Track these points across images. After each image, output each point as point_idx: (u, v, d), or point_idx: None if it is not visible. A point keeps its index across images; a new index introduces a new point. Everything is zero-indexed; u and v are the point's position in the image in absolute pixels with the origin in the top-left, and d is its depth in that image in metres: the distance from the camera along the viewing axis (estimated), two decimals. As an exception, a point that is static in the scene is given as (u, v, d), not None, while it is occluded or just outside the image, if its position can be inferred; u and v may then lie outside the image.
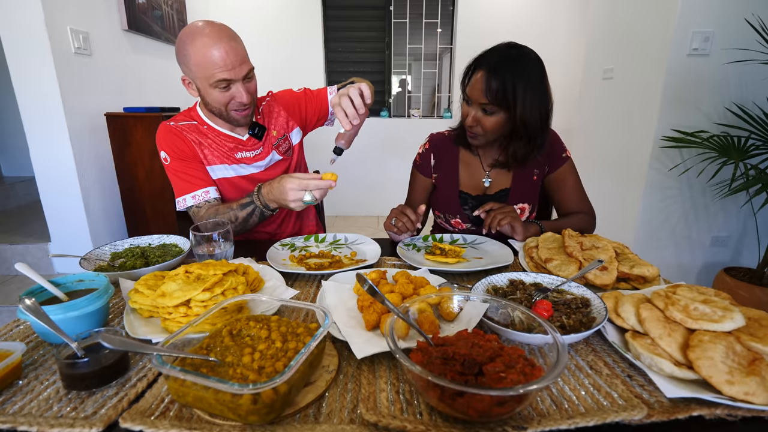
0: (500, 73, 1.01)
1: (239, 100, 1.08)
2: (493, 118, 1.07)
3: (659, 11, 2.15)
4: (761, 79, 2.05)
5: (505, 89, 1.02)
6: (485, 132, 1.10)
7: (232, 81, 1.05)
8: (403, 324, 0.59)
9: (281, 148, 1.29)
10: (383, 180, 3.99)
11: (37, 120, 2.00)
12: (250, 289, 0.77)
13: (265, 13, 3.69)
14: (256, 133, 1.22)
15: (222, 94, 1.07)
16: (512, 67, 1.02)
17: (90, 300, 0.63)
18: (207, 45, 1.00)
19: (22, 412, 0.49)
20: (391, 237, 1.12)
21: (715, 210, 2.28)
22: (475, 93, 1.06)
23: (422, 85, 4.07)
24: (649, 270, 0.80)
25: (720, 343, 0.53)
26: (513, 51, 1.05)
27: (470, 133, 1.14)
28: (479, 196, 1.25)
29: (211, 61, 1.01)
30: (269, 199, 1.03)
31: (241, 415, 0.45)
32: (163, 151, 1.17)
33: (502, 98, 1.03)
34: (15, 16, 1.86)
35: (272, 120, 1.30)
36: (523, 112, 1.04)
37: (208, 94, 1.08)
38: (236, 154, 1.22)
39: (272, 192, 1.01)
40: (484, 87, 1.03)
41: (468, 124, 1.11)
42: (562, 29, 3.65)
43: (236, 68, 1.03)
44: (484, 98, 1.04)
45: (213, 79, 1.03)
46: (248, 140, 1.23)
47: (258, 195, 1.06)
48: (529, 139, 1.11)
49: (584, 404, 0.50)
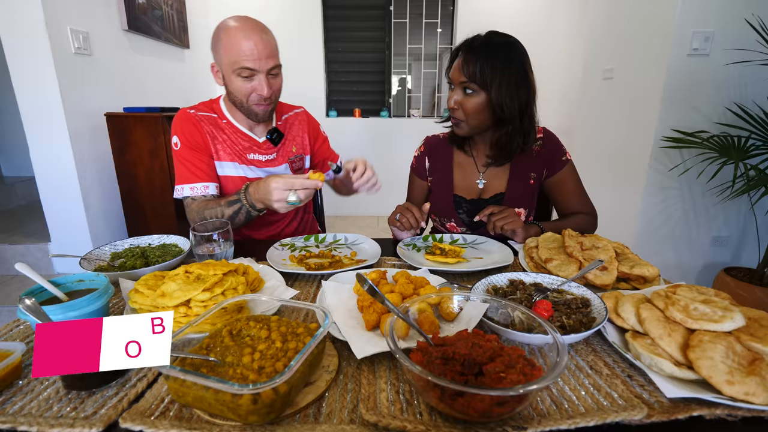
0: (479, 53, 1.05)
1: (260, 92, 1.09)
2: (473, 100, 1.09)
3: (659, 11, 2.15)
4: (761, 79, 2.05)
5: (483, 68, 1.05)
6: (467, 116, 1.11)
7: (256, 72, 1.07)
8: (403, 324, 0.59)
9: (295, 165, 1.30)
10: (383, 180, 3.96)
11: (37, 120, 2.00)
12: (250, 289, 0.77)
13: (264, 13, 3.69)
14: (273, 138, 1.22)
15: (244, 84, 1.09)
16: (491, 49, 1.06)
17: (90, 300, 0.63)
18: (238, 33, 1.05)
19: (22, 412, 0.49)
20: (393, 233, 1.12)
21: (715, 210, 2.28)
22: (455, 73, 1.10)
23: (422, 85, 4.07)
24: (649, 270, 0.80)
25: (720, 343, 0.53)
26: (495, 37, 1.09)
27: (453, 120, 1.16)
28: (474, 200, 1.25)
29: (239, 48, 1.04)
30: (255, 198, 1.02)
31: (241, 415, 0.45)
32: (176, 135, 1.16)
33: (480, 77, 1.05)
34: (15, 16, 1.86)
35: (293, 133, 1.30)
36: (499, 95, 1.06)
37: (231, 82, 1.10)
38: (249, 155, 1.22)
39: (258, 191, 1.00)
40: (461, 65, 1.07)
41: (450, 107, 1.14)
42: (562, 29, 3.65)
43: (262, 60, 1.06)
44: (462, 76, 1.07)
45: (237, 65, 1.06)
46: (264, 143, 1.23)
47: (245, 194, 1.04)
48: (512, 129, 1.12)
49: (584, 404, 0.50)
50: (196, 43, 3.33)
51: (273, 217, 1.31)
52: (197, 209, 1.11)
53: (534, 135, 1.17)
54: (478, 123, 1.13)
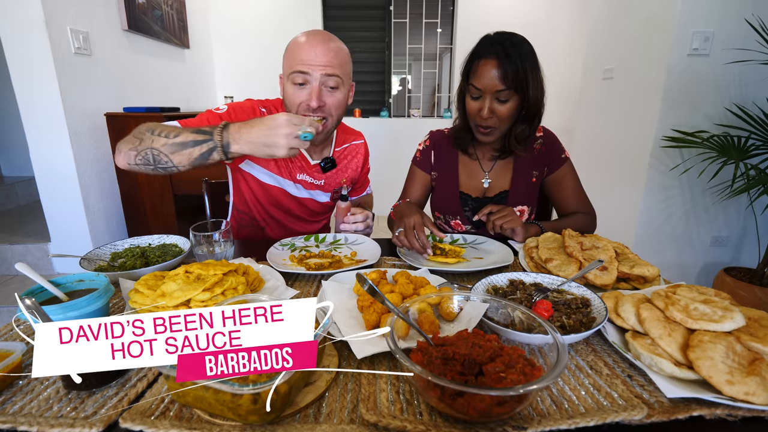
0: (512, 57, 1.02)
1: (308, 102, 1.01)
2: (508, 105, 1.07)
3: (659, 11, 2.15)
4: (761, 79, 2.05)
5: (517, 72, 1.02)
6: (500, 122, 1.10)
7: (309, 79, 1.00)
8: (403, 324, 0.59)
9: (336, 195, 1.26)
10: (383, 180, 3.98)
11: (37, 120, 2.00)
12: (250, 289, 0.77)
13: (264, 13, 3.69)
14: (324, 166, 1.07)
15: (295, 91, 1.02)
16: (520, 50, 1.03)
17: (90, 300, 0.63)
18: (304, 38, 1.01)
19: (22, 412, 0.49)
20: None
21: (715, 210, 2.28)
22: (489, 82, 1.04)
23: (422, 85, 4.07)
24: (649, 270, 0.80)
25: (720, 343, 0.53)
26: (512, 36, 1.07)
27: (483, 129, 1.12)
28: (479, 198, 1.25)
29: (298, 52, 0.99)
30: (238, 138, 0.84)
31: (241, 415, 0.45)
32: (229, 107, 1.05)
33: (518, 82, 1.03)
34: (15, 16, 1.86)
35: (347, 164, 1.27)
36: (535, 92, 1.06)
37: (286, 90, 1.04)
38: (299, 175, 1.17)
39: (251, 130, 0.83)
40: (500, 74, 1.03)
41: (484, 116, 1.08)
42: (563, 29, 3.65)
43: (317, 66, 0.98)
44: (500, 85, 1.03)
45: (292, 69, 1.00)
46: (314, 166, 1.18)
47: (222, 130, 0.86)
48: (532, 119, 1.13)
49: (584, 404, 0.50)
50: (196, 43, 3.33)
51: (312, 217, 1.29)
52: (150, 124, 0.91)
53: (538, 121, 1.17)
54: (509, 126, 1.13)
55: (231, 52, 3.72)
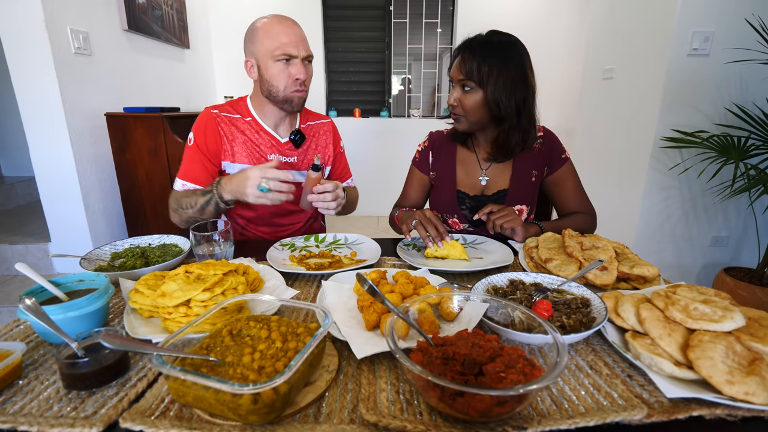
0: (477, 52, 1.08)
1: (297, 76, 1.13)
2: (471, 97, 1.11)
3: (659, 11, 2.16)
4: (761, 79, 2.05)
5: (480, 66, 1.07)
6: (465, 112, 1.14)
7: (294, 57, 1.12)
8: (403, 324, 0.59)
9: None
10: (383, 180, 3.98)
11: (37, 120, 2.00)
12: (250, 289, 0.77)
13: (264, 12, 3.69)
14: (295, 139, 1.23)
15: (282, 70, 1.13)
16: (489, 48, 1.08)
17: (90, 300, 0.63)
18: (277, 24, 1.12)
19: (23, 412, 0.49)
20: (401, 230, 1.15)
21: (715, 210, 2.28)
22: (455, 71, 1.12)
23: (422, 85, 4.07)
24: (649, 270, 0.80)
25: (720, 343, 0.53)
26: (495, 36, 1.11)
27: (453, 115, 1.18)
28: (477, 197, 1.25)
29: (278, 36, 1.11)
30: (227, 189, 1.05)
31: (241, 415, 0.45)
32: (193, 132, 1.19)
33: (477, 75, 1.08)
34: (15, 16, 1.86)
35: (318, 139, 1.32)
36: (495, 92, 1.08)
37: (268, 69, 1.13)
38: (270, 155, 1.23)
39: (231, 182, 1.04)
40: (459, 64, 1.10)
41: (450, 103, 1.16)
42: (563, 29, 3.65)
43: (299, 46, 1.12)
44: (460, 74, 1.10)
45: (278, 51, 1.10)
46: (286, 144, 1.24)
47: (217, 185, 1.08)
48: (509, 127, 1.14)
49: (584, 404, 0.50)
50: (196, 43, 3.33)
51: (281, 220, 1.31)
52: (177, 196, 1.15)
53: (534, 134, 1.19)
54: (477, 119, 1.15)
55: (231, 52, 3.71)
